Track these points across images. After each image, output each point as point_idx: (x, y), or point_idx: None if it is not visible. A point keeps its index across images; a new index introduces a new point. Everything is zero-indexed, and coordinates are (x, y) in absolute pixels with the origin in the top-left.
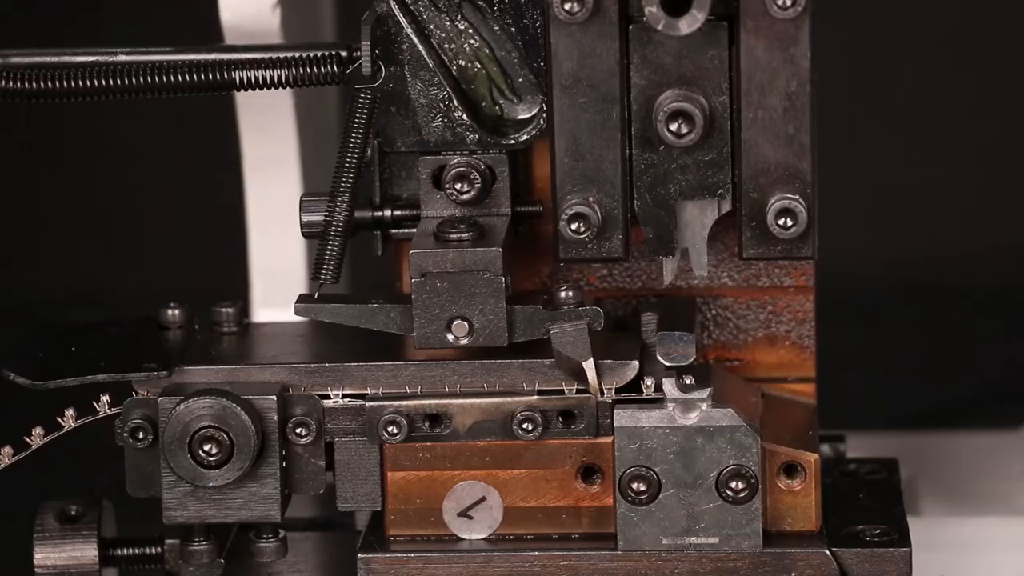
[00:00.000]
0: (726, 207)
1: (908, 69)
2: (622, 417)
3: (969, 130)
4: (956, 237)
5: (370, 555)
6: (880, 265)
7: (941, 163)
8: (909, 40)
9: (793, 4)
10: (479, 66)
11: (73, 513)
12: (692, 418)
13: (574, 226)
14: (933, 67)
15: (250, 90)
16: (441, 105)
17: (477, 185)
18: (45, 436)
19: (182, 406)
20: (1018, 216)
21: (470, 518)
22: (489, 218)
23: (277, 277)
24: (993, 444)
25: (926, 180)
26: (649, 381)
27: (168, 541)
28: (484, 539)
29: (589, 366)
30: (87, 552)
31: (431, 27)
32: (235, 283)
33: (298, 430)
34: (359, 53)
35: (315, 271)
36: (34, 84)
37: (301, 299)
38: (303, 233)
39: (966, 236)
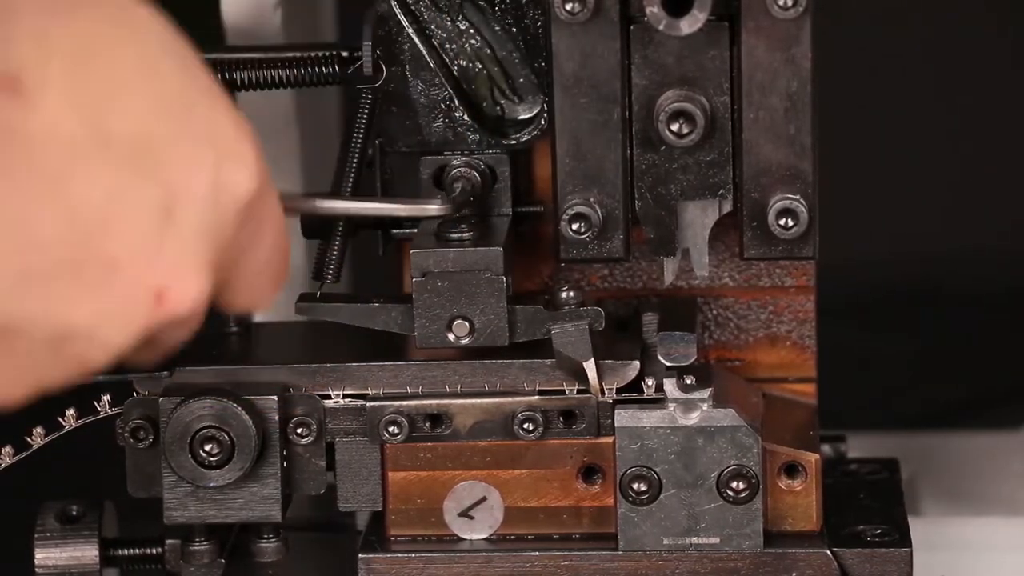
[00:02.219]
0: (727, 207)
1: (909, 69)
2: (623, 417)
3: (970, 130)
4: (956, 237)
5: (371, 555)
6: (880, 265)
7: (941, 163)
8: (909, 39)
9: (794, 4)
10: (480, 66)
11: (74, 513)
12: (693, 418)
13: (575, 226)
14: (934, 67)
15: (250, 90)
16: (442, 105)
17: (477, 185)
18: (46, 436)
19: (183, 406)
20: (1019, 216)
21: (471, 518)
22: (490, 218)
23: None
24: (993, 444)
25: (926, 180)
26: (650, 381)
27: (169, 541)
28: (485, 539)
29: (590, 366)
30: (88, 552)
31: (432, 27)
32: None
33: (299, 430)
34: (360, 53)
35: (316, 271)
36: None
37: (302, 298)
38: (304, 233)
39: (966, 236)
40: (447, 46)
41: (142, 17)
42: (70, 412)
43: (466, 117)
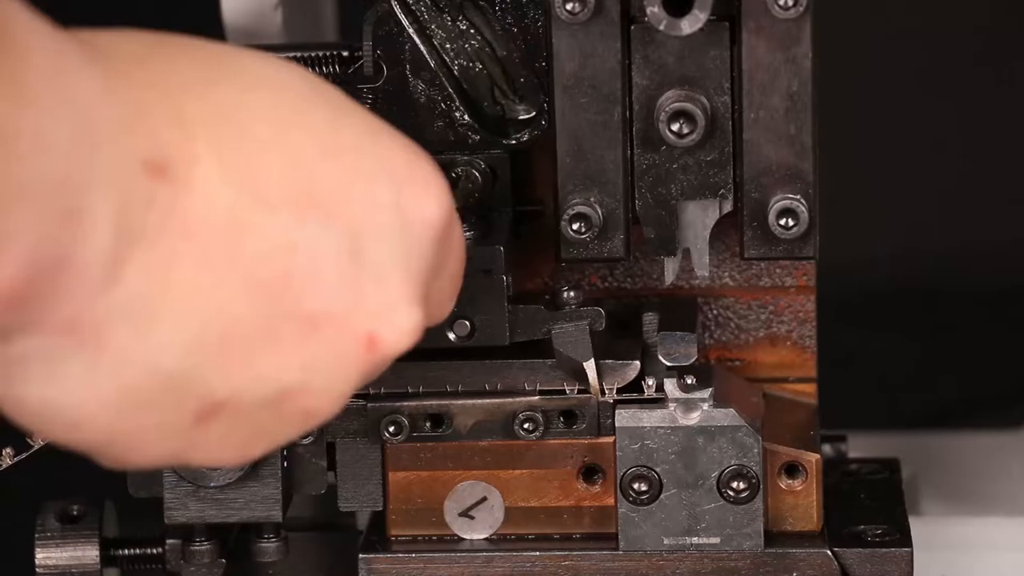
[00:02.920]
0: (727, 207)
1: (908, 68)
2: (623, 417)
3: (969, 129)
4: (955, 236)
5: (371, 555)
6: (880, 265)
7: (941, 162)
8: (909, 39)
9: (795, 4)
10: (480, 66)
11: (75, 513)
12: (693, 418)
13: (575, 226)
14: (933, 66)
15: None
16: (442, 105)
17: (478, 184)
18: None
19: None
20: (1018, 215)
21: (471, 518)
22: (490, 218)
23: None
24: (994, 444)
25: (927, 180)
26: (650, 381)
27: (170, 541)
28: (485, 539)
29: (590, 366)
30: (88, 552)
31: (432, 27)
32: None
33: None
34: (360, 53)
35: None
36: None
37: None
38: None
39: (965, 235)
40: (447, 46)
41: (276, 75)
42: None
43: (467, 117)
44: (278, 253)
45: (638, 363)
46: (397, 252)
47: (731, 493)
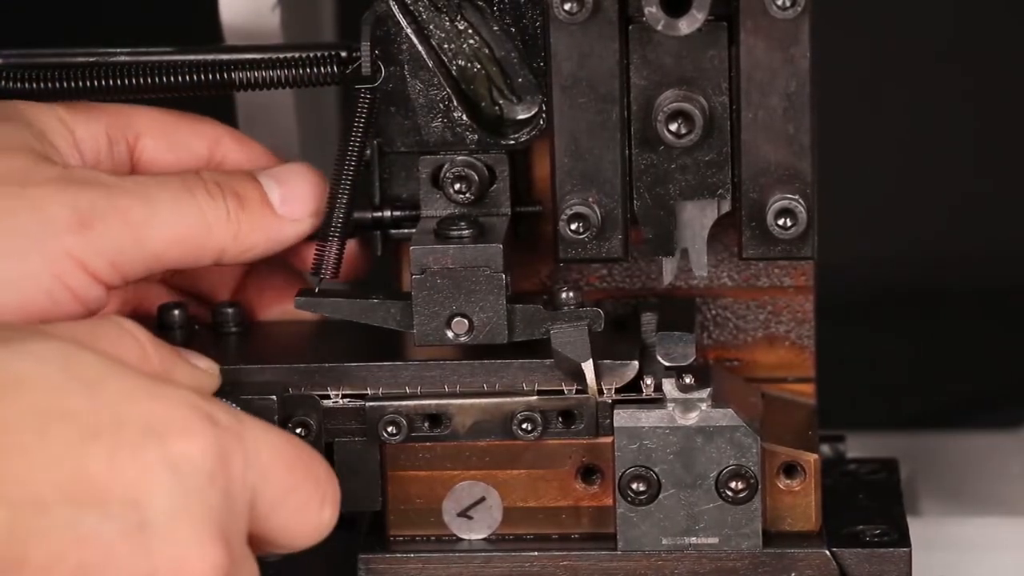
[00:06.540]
0: (726, 207)
1: (908, 69)
2: (622, 417)
3: (969, 130)
4: (956, 237)
5: (370, 555)
6: (879, 265)
7: (941, 163)
8: (909, 39)
9: (793, 4)
10: (479, 66)
11: None
12: (692, 418)
13: (574, 226)
14: (933, 66)
15: (250, 90)
16: (441, 105)
17: (476, 184)
18: None
19: None
20: (1018, 216)
21: (470, 518)
22: (489, 217)
23: None
24: (993, 444)
25: (926, 180)
26: (649, 381)
27: None
28: (484, 539)
29: (588, 367)
30: None
31: (431, 27)
32: None
33: (298, 430)
34: (359, 53)
35: (315, 267)
36: (34, 84)
37: (301, 293)
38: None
39: (966, 236)
40: (446, 46)
41: (27, 373)
42: None
43: (465, 117)
44: (68, 550)
45: (636, 363)
46: (178, 504)
47: (729, 493)
